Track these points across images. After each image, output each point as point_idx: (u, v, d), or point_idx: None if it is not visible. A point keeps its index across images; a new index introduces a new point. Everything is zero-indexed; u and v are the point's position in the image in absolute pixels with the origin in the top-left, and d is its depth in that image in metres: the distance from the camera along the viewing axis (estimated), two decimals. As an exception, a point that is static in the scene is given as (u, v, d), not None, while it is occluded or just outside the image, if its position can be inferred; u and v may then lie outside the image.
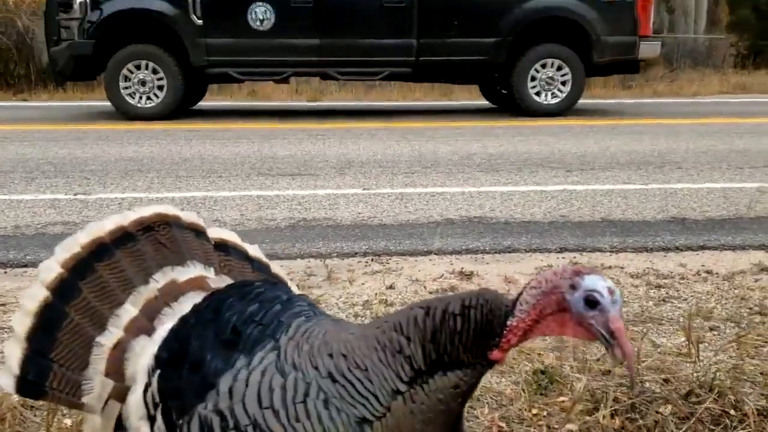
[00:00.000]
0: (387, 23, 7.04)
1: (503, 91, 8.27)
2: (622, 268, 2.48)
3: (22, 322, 0.89)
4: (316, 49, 7.06)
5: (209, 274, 0.89)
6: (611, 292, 0.78)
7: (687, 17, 23.00)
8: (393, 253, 2.64)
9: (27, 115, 7.66)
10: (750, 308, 2.10)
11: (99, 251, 0.86)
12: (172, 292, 0.86)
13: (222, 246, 0.95)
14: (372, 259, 2.56)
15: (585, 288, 0.77)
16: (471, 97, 9.97)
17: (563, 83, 7.35)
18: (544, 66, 7.30)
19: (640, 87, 13.53)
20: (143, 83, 6.93)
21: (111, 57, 6.86)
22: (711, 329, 1.95)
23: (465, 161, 4.61)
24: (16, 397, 1.59)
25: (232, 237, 0.97)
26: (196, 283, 0.87)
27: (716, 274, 2.42)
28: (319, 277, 2.36)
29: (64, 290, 0.85)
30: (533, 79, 7.30)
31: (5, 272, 2.44)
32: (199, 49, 6.91)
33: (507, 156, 4.82)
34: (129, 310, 0.86)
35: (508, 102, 7.88)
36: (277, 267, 0.93)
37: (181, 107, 7.26)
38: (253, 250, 0.98)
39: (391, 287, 2.26)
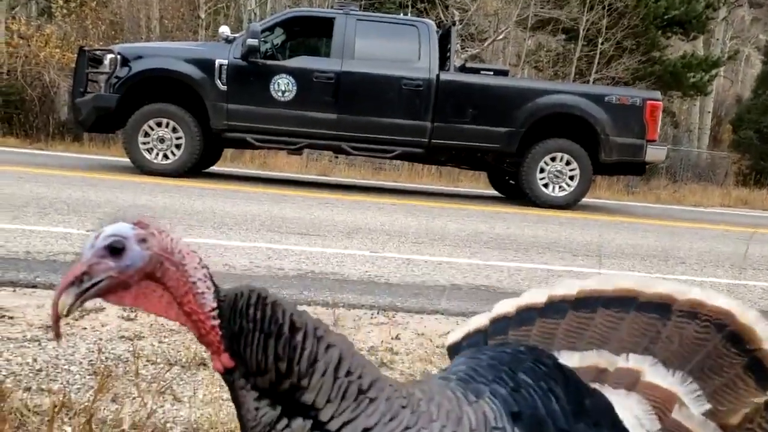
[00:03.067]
0: (404, 105, 7.27)
1: (511, 182, 8.45)
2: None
3: None
4: (333, 123, 7.26)
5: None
6: (97, 235, 0.67)
7: (690, 133, 23.67)
8: (399, 309, 2.65)
9: (43, 161, 7.80)
10: None
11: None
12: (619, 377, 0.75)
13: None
14: (378, 312, 2.56)
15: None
16: (478, 185, 10.15)
17: (571, 177, 7.51)
18: (553, 159, 7.47)
19: (643, 193, 13.79)
20: (162, 140, 7.09)
21: (132, 112, 7.05)
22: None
23: (473, 237, 4.66)
24: (18, 396, 1.59)
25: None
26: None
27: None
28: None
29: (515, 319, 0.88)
30: (542, 170, 7.47)
31: (14, 290, 2.45)
32: (220, 113, 7.11)
33: (514, 237, 4.88)
34: None
35: (516, 192, 8.03)
36: None
37: (195, 168, 7.39)
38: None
39: (396, 338, 2.26)
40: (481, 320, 0.86)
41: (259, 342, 0.66)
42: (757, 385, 0.68)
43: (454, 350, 0.87)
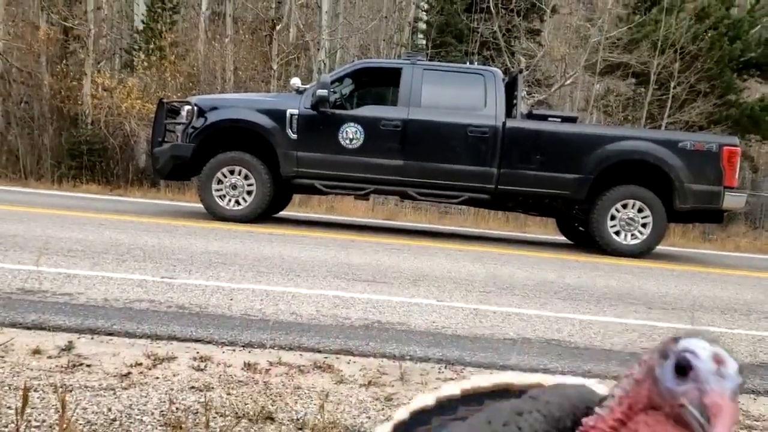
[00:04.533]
0: (470, 151, 7.27)
1: (580, 228, 8.27)
2: (709, 405, 2.35)
3: None
4: (400, 169, 7.32)
5: None
6: (719, 359, 0.53)
7: (771, 177, 22.72)
8: (467, 363, 2.60)
9: (122, 207, 8.13)
10: None
11: None
12: None
13: None
14: (446, 366, 2.52)
15: (677, 350, 0.54)
16: (546, 231, 9.98)
17: (644, 225, 7.29)
18: (625, 206, 7.29)
19: (721, 241, 13.25)
20: (234, 187, 7.30)
21: (206, 161, 7.31)
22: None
23: (541, 287, 4.57)
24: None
25: None
26: None
27: (814, 422, 2.26)
28: (391, 377, 2.34)
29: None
30: (613, 218, 7.29)
31: (92, 338, 2.53)
32: (290, 161, 7.29)
33: (585, 287, 4.75)
34: None
35: (585, 239, 7.85)
36: None
37: (266, 213, 7.57)
38: None
39: (465, 394, 2.21)
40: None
41: None
42: None
43: None
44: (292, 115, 7.30)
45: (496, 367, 2.60)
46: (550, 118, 7.84)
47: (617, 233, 7.30)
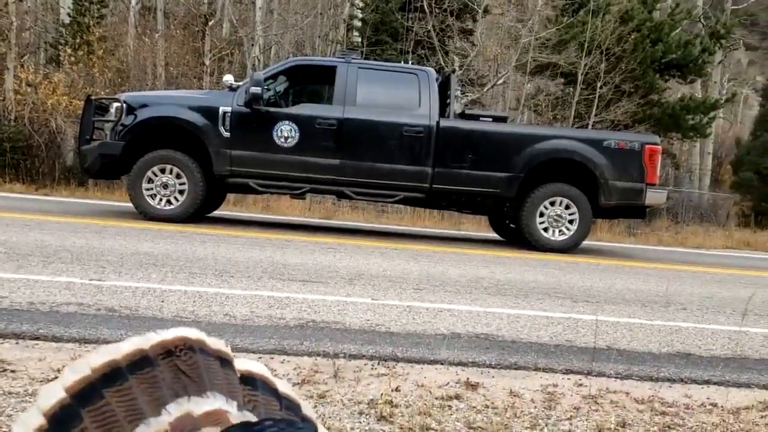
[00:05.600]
0: (405, 150, 7.36)
1: (511, 225, 8.49)
2: (627, 393, 2.49)
3: None
4: (336, 168, 7.34)
5: (231, 408, 0.79)
6: None
7: (692, 174, 23.80)
8: (400, 359, 2.66)
9: (48, 207, 7.87)
10: (756, 441, 2.09)
11: (111, 375, 0.75)
12: (184, 426, 0.76)
13: (249, 379, 0.84)
14: (379, 363, 2.58)
15: None
16: (479, 228, 10.19)
17: (571, 221, 7.54)
18: (552, 203, 7.53)
19: (644, 235, 13.80)
20: (165, 186, 7.17)
21: (136, 159, 7.15)
22: (717, 458, 1.93)
23: (473, 283, 4.68)
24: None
25: (260, 370, 0.84)
26: (214, 417, 0.77)
27: (721, 407, 2.42)
28: (325, 375, 2.37)
29: (62, 418, 0.73)
30: (542, 215, 7.51)
31: (17, 343, 2.47)
32: (223, 160, 7.21)
33: (514, 283, 4.89)
34: None
35: (516, 236, 8.06)
36: (308, 407, 0.82)
37: (198, 213, 7.46)
38: (283, 387, 0.86)
39: (396, 389, 2.27)
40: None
41: None
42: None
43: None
44: (224, 112, 7.21)
45: (426, 361, 2.67)
46: (481, 118, 8.01)
47: (546, 230, 7.53)
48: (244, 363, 0.85)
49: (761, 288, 5.89)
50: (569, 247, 7.52)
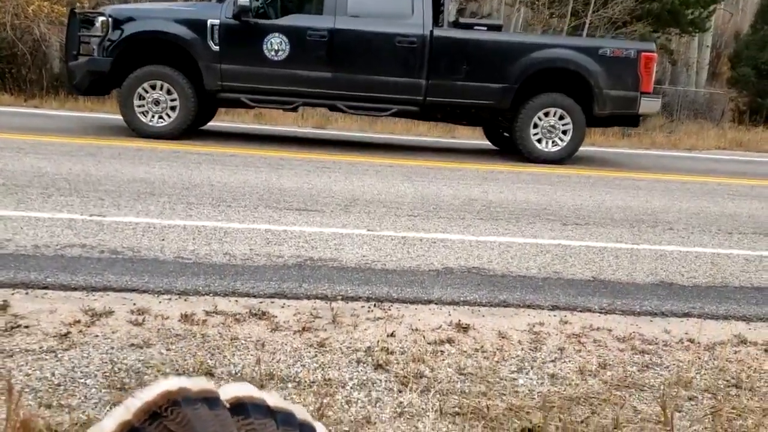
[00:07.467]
0: (398, 62, 7.25)
1: (505, 134, 8.50)
2: (609, 330, 2.63)
3: None
4: (328, 81, 7.26)
5: None
6: None
7: (689, 68, 23.44)
8: (395, 299, 2.78)
9: (39, 124, 7.81)
10: (727, 380, 2.24)
11: None
12: None
13: (239, 407, 0.84)
14: (375, 305, 2.70)
15: None
16: (474, 136, 10.18)
17: (564, 132, 7.56)
18: (546, 114, 7.51)
19: (638, 136, 13.80)
20: (157, 103, 7.11)
21: (126, 75, 7.04)
22: (689, 399, 2.09)
23: (466, 207, 4.77)
24: (41, 420, 1.72)
25: (246, 392, 0.86)
26: None
27: (698, 343, 2.57)
28: (324, 320, 2.50)
29: None
30: (535, 126, 7.52)
31: (27, 293, 2.56)
32: (213, 74, 7.11)
33: (506, 204, 4.99)
34: None
35: (510, 146, 8.09)
36: (301, 411, 0.86)
37: (190, 128, 7.43)
38: (273, 400, 0.88)
39: (392, 335, 2.40)
40: None
41: None
42: None
43: None
44: (213, 25, 7.04)
45: (420, 301, 2.80)
46: (475, 27, 7.84)
47: (539, 141, 7.56)
48: (228, 390, 0.86)
49: (747, 200, 6.02)
50: (562, 158, 7.57)
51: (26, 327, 2.27)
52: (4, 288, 2.59)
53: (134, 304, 2.52)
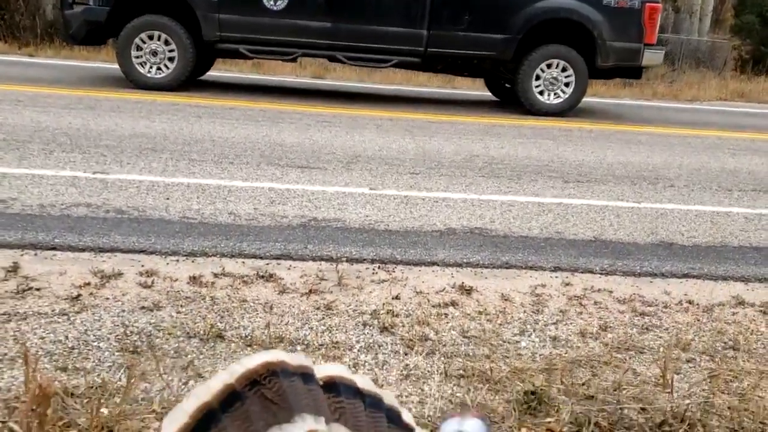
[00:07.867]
0: (399, 12, 7.14)
1: (507, 86, 8.42)
2: (610, 292, 2.67)
3: None
4: (327, 32, 7.15)
5: (319, 425, 0.82)
6: None
7: (692, 16, 23.07)
8: (399, 261, 2.82)
9: (36, 74, 7.72)
10: (725, 342, 2.30)
11: (206, 419, 0.78)
12: None
13: (331, 385, 0.87)
14: (379, 267, 2.73)
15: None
16: (475, 87, 10.08)
17: (567, 84, 7.50)
18: (549, 66, 7.43)
19: (640, 86, 13.65)
20: (155, 53, 7.01)
21: (123, 25, 6.93)
22: (688, 361, 2.14)
23: (467, 163, 4.78)
24: (57, 384, 1.77)
25: (339, 372, 0.89)
26: None
27: (697, 304, 2.62)
28: (330, 282, 2.53)
29: None
30: (538, 78, 7.45)
31: (35, 254, 2.59)
32: (211, 24, 6.99)
33: (508, 160, 4.99)
34: None
35: (512, 97, 8.03)
36: (390, 396, 0.86)
37: (189, 80, 7.35)
38: (363, 383, 0.90)
39: (396, 297, 2.44)
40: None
41: None
42: None
43: None
44: (210, -27, 6.89)
45: (424, 263, 2.83)
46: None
47: (541, 93, 7.50)
48: (323, 369, 0.89)
49: (748, 155, 6.02)
50: (564, 111, 7.52)
51: (38, 290, 2.30)
52: (13, 249, 2.62)
53: (142, 265, 2.55)
